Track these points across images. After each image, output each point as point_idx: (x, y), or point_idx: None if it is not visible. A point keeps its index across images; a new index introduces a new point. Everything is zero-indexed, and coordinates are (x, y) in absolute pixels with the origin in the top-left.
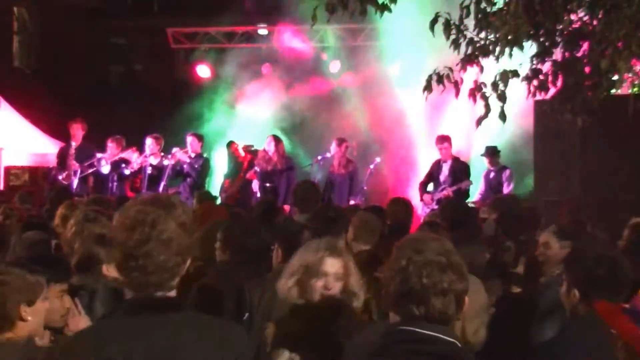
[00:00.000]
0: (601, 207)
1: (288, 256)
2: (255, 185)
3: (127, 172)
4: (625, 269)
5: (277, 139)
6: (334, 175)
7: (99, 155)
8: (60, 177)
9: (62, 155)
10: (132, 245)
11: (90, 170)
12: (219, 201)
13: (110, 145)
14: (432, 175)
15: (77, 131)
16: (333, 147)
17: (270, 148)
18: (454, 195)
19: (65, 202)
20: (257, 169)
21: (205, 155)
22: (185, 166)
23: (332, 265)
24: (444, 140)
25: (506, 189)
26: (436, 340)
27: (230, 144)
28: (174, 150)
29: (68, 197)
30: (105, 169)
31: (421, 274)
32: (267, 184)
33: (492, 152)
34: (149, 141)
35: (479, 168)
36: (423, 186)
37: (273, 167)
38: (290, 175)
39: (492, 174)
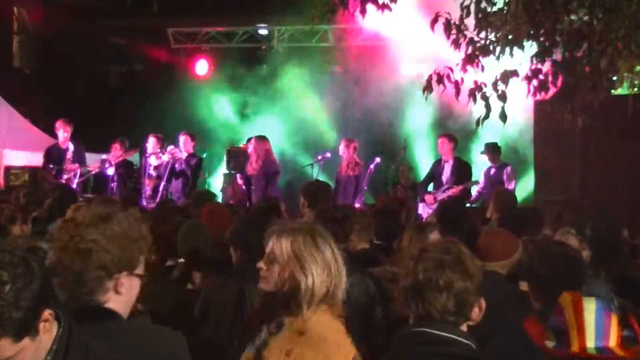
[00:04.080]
0: (600, 207)
1: None
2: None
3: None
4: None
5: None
6: (341, 176)
7: (103, 157)
8: (63, 178)
9: (53, 156)
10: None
11: (94, 172)
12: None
13: (115, 146)
14: (433, 175)
15: (68, 131)
16: (342, 147)
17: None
18: (460, 195)
19: (74, 205)
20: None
21: (198, 154)
22: (177, 165)
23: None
24: (445, 139)
25: (508, 187)
26: (451, 342)
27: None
28: (169, 148)
29: (74, 199)
30: (110, 170)
31: (417, 270)
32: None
33: (492, 149)
34: (150, 141)
35: (481, 165)
36: (424, 186)
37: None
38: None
39: (492, 171)
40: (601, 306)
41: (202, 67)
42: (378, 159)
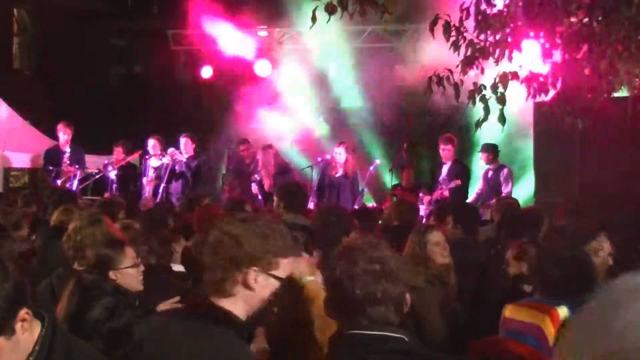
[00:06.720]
0: (600, 208)
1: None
2: (254, 188)
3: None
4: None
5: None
6: (336, 179)
7: (105, 160)
8: (58, 182)
9: (53, 158)
10: None
11: (97, 176)
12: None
13: (116, 149)
14: (434, 176)
15: (68, 134)
16: (334, 151)
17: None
18: (449, 196)
19: (62, 208)
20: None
21: (200, 156)
22: (177, 167)
23: None
24: (447, 141)
25: (505, 189)
26: (385, 339)
27: (243, 142)
28: (170, 150)
29: (71, 201)
30: (112, 173)
31: (354, 286)
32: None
33: (487, 150)
34: (151, 142)
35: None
36: (424, 187)
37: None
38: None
39: (490, 173)
40: None
41: (207, 70)
42: (378, 161)
